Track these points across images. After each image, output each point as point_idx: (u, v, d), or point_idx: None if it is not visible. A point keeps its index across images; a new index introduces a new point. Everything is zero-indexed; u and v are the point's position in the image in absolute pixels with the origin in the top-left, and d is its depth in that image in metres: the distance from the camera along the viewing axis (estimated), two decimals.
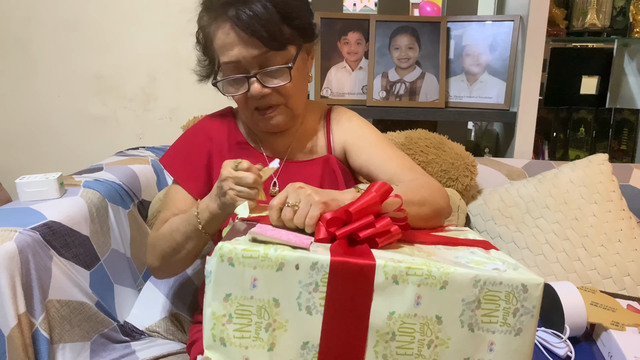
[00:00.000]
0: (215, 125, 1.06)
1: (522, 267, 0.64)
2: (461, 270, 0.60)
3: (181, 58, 1.81)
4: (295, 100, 0.95)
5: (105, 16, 1.80)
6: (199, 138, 1.05)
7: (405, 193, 0.80)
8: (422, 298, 0.60)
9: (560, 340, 0.97)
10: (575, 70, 1.97)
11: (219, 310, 0.59)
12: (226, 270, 0.58)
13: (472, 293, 0.60)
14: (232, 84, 0.93)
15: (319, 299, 0.59)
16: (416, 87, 1.71)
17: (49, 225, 0.97)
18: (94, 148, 1.90)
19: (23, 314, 0.86)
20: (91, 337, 1.00)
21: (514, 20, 1.65)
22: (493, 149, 2.02)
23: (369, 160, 0.99)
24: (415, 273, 0.59)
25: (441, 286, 0.60)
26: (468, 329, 0.61)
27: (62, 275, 0.96)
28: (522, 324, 0.62)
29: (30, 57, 1.84)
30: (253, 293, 0.59)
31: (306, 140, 1.05)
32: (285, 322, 0.59)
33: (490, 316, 0.61)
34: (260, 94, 0.91)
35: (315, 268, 0.59)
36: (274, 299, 0.59)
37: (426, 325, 0.60)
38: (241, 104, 0.96)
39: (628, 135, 1.89)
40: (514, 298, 0.61)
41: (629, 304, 1.06)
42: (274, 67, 0.90)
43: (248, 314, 0.59)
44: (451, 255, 0.68)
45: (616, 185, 1.33)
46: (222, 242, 0.59)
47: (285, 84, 0.91)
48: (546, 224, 1.30)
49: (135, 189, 1.32)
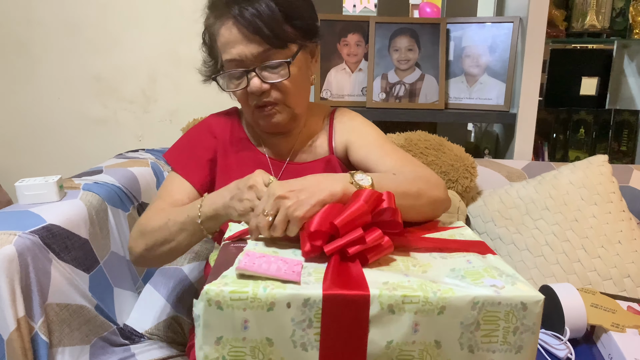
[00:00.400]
0: (220, 122, 1.07)
1: (520, 280, 0.62)
2: (458, 293, 0.58)
3: (181, 60, 1.81)
4: (295, 99, 0.95)
5: (105, 18, 1.80)
6: (202, 134, 1.05)
7: (402, 184, 0.81)
8: (419, 325, 0.58)
9: (560, 342, 0.96)
10: (575, 71, 1.96)
11: (211, 353, 0.58)
12: (215, 314, 0.57)
13: (471, 315, 0.59)
14: (233, 79, 0.93)
15: (313, 334, 0.58)
16: (416, 89, 1.71)
17: (49, 229, 0.97)
18: (94, 150, 1.90)
19: (22, 318, 0.86)
20: (90, 340, 1.00)
21: (514, 22, 1.65)
22: (493, 151, 2.01)
23: (367, 155, 0.99)
24: (411, 301, 0.58)
25: (439, 312, 0.58)
26: (468, 350, 0.60)
27: (61, 278, 0.96)
28: (522, 342, 0.61)
29: (31, 59, 1.84)
30: (245, 334, 0.57)
31: (309, 142, 1.05)
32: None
33: (490, 336, 0.60)
34: (259, 90, 0.91)
35: (308, 305, 0.57)
36: (267, 339, 0.58)
37: (425, 351, 0.59)
38: (242, 101, 0.96)
39: (628, 136, 1.89)
40: (514, 317, 0.59)
41: (629, 306, 1.06)
42: (273, 62, 0.90)
43: (242, 355, 0.58)
44: (447, 267, 0.66)
45: (616, 186, 1.33)
46: (207, 285, 0.57)
47: (283, 80, 0.91)
48: (546, 226, 1.30)
49: (135, 192, 1.32)
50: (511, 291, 0.59)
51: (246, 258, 0.62)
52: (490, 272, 0.64)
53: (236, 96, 0.97)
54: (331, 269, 0.62)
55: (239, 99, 0.97)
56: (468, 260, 0.69)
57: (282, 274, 0.60)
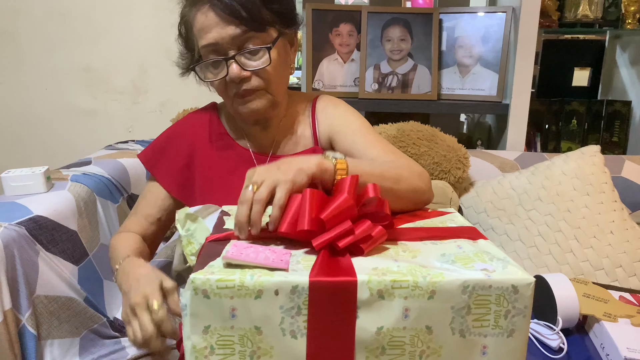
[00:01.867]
0: (197, 120, 1.04)
1: (511, 263, 0.62)
2: (448, 277, 0.58)
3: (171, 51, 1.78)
4: (275, 86, 0.93)
5: (94, 8, 1.78)
6: (178, 136, 1.02)
7: (380, 168, 0.80)
8: (410, 310, 0.58)
9: (552, 332, 0.96)
10: (567, 62, 1.96)
11: (199, 343, 0.57)
12: (202, 302, 0.56)
13: (462, 299, 0.58)
14: (211, 68, 0.91)
15: (302, 322, 0.57)
16: (408, 79, 1.70)
17: (35, 220, 0.96)
18: (83, 142, 1.88)
19: (9, 310, 0.85)
20: (80, 332, 0.99)
21: (507, 12, 1.64)
22: (485, 141, 2.01)
23: (352, 145, 0.97)
24: (401, 286, 0.57)
25: (429, 296, 0.57)
26: (459, 335, 0.59)
27: (49, 270, 0.94)
28: (514, 325, 0.60)
29: (18, 50, 1.81)
30: (233, 323, 0.56)
31: (291, 132, 1.03)
32: (270, 348, 0.57)
33: (482, 320, 0.59)
34: (239, 77, 0.88)
35: (296, 292, 0.56)
36: (256, 327, 0.57)
37: (416, 336, 0.58)
38: (221, 90, 0.93)
39: (620, 127, 1.89)
40: (505, 300, 0.59)
41: (621, 295, 1.07)
42: (252, 47, 0.87)
43: (230, 343, 0.57)
44: (437, 251, 0.66)
45: (608, 177, 1.33)
46: (194, 273, 0.56)
47: (265, 66, 0.88)
48: (539, 216, 1.30)
49: (125, 183, 1.31)
50: (502, 274, 0.59)
51: (233, 248, 0.61)
52: (481, 257, 0.64)
53: (214, 87, 0.94)
54: (320, 258, 0.61)
55: (217, 89, 0.94)
56: (459, 246, 0.68)
57: (270, 262, 0.59)
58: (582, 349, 0.97)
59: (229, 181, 0.97)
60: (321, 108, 1.04)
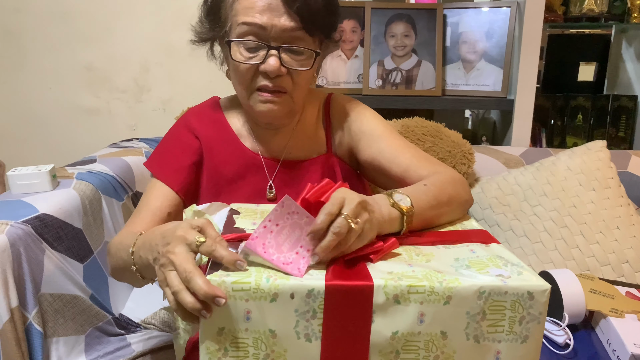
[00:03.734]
0: (201, 119, 0.97)
1: (526, 269, 0.62)
2: (465, 283, 0.58)
3: (174, 49, 1.79)
4: (300, 93, 0.89)
5: (96, 6, 1.78)
6: (182, 135, 0.96)
7: (435, 195, 0.76)
8: (425, 315, 0.58)
9: (559, 328, 0.96)
10: (572, 57, 1.95)
11: (212, 345, 0.57)
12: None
13: (477, 305, 0.58)
14: (244, 50, 0.83)
15: (317, 325, 0.57)
16: (412, 75, 1.70)
17: (41, 218, 0.96)
18: (86, 140, 1.88)
19: (16, 308, 0.85)
20: (85, 330, 0.99)
21: (511, 7, 1.63)
22: (490, 137, 2.00)
23: (379, 153, 0.92)
24: (417, 291, 0.57)
25: (445, 301, 0.57)
26: (474, 340, 0.59)
27: (54, 268, 0.95)
28: (528, 331, 0.60)
29: (21, 49, 1.82)
30: (247, 325, 0.56)
31: (304, 137, 0.97)
32: (284, 351, 0.57)
33: (496, 326, 0.59)
34: (276, 72, 0.81)
35: (312, 295, 0.56)
36: (270, 330, 0.57)
37: (431, 341, 0.58)
38: (244, 77, 0.85)
39: (626, 122, 1.88)
40: (520, 306, 0.59)
41: (628, 291, 1.06)
42: (302, 47, 0.82)
43: (244, 346, 0.57)
44: (451, 256, 0.66)
45: (614, 172, 1.33)
46: (209, 275, 0.56)
47: (305, 69, 0.84)
48: (544, 212, 1.29)
49: (129, 181, 1.31)
50: (517, 280, 0.59)
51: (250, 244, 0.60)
52: (495, 262, 0.64)
53: (236, 70, 0.85)
54: (334, 262, 0.61)
55: (238, 74, 0.85)
56: (472, 250, 0.68)
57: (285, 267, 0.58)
58: (589, 345, 0.97)
59: (236, 185, 0.94)
60: (336, 111, 0.99)
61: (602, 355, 0.94)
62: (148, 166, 0.95)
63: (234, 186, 0.93)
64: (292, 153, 0.96)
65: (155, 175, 0.93)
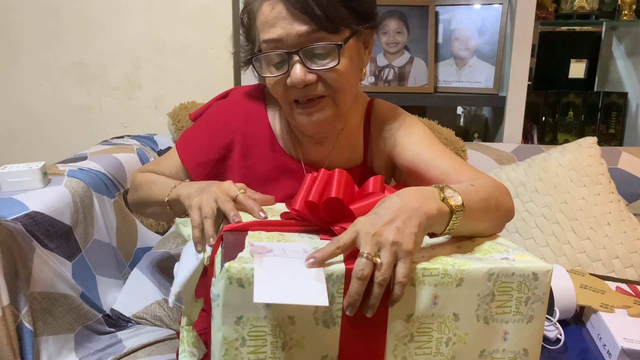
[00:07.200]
0: (242, 110, 0.92)
1: (526, 253, 0.64)
2: (475, 265, 0.59)
3: (165, 45, 1.78)
4: (343, 95, 0.81)
5: (87, 2, 1.76)
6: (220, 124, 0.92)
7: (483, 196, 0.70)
8: (438, 298, 0.59)
9: (550, 323, 0.97)
10: (563, 54, 1.96)
11: (230, 334, 0.55)
12: (236, 292, 0.54)
13: (487, 287, 0.60)
14: (271, 64, 0.80)
15: (336, 310, 0.56)
16: (405, 72, 1.70)
17: (31, 216, 0.95)
18: (78, 138, 1.86)
19: (7, 307, 0.84)
20: (75, 329, 0.99)
21: (503, 4, 1.64)
22: (482, 134, 2.01)
23: (416, 155, 0.86)
24: (431, 274, 0.58)
25: (457, 284, 0.59)
26: (484, 322, 0.61)
27: (44, 266, 0.94)
28: (533, 311, 0.62)
29: (10, 45, 1.80)
30: (266, 313, 0.55)
31: (347, 146, 0.93)
32: (302, 338, 0.57)
33: (504, 307, 0.61)
34: (302, 81, 0.77)
35: (331, 280, 0.56)
36: (289, 317, 0.56)
37: (443, 323, 0.59)
38: (279, 93, 0.82)
39: (616, 118, 1.90)
40: (526, 287, 0.61)
41: (618, 286, 1.07)
42: (321, 44, 0.76)
43: (262, 334, 0.55)
44: (453, 245, 0.67)
45: (605, 168, 1.34)
46: (228, 262, 0.54)
47: (333, 66, 0.77)
48: (536, 208, 1.30)
49: (121, 178, 1.30)
50: (522, 262, 0.61)
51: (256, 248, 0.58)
52: (496, 248, 0.66)
53: (270, 86, 0.83)
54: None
55: (274, 91, 0.83)
56: (472, 240, 0.69)
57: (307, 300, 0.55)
58: (580, 340, 0.97)
59: (268, 187, 0.90)
60: (378, 122, 0.93)
61: (592, 349, 0.94)
62: (178, 149, 0.93)
63: (267, 188, 0.90)
64: (333, 162, 0.92)
65: (182, 161, 0.92)
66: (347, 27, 0.78)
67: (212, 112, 0.95)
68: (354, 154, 0.93)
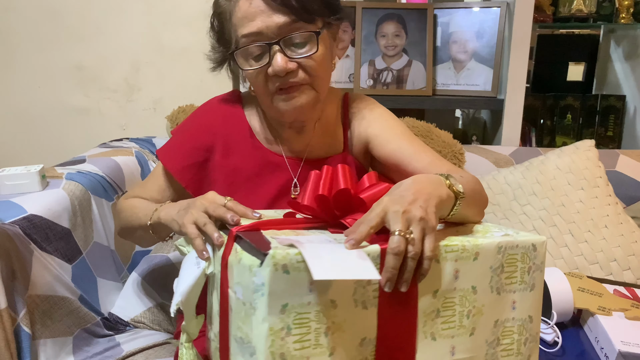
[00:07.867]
0: (220, 113, 0.96)
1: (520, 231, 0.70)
2: (486, 240, 0.64)
3: (164, 48, 1.78)
4: (321, 81, 0.86)
5: (86, 5, 1.76)
6: (200, 128, 0.95)
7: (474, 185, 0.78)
8: (459, 272, 0.62)
9: (547, 326, 0.97)
10: (561, 57, 1.97)
11: (276, 324, 0.54)
12: (281, 279, 0.54)
13: (497, 259, 0.65)
14: (251, 58, 0.84)
15: (372, 291, 0.58)
16: (403, 75, 1.70)
17: (29, 219, 0.95)
18: (76, 140, 1.86)
19: (4, 310, 0.84)
20: (73, 332, 0.99)
21: (501, 7, 1.64)
22: (480, 137, 2.01)
23: (398, 149, 0.91)
24: (452, 250, 0.62)
25: (474, 258, 0.63)
26: (496, 293, 0.65)
27: (43, 269, 0.94)
28: (534, 280, 0.68)
29: (9, 48, 1.80)
30: (310, 298, 0.55)
31: (325, 135, 0.97)
32: (343, 322, 0.57)
33: (511, 277, 0.67)
34: (284, 70, 0.81)
35: None
36: (331, 300, 0.56)
37: (464, 297, 0.63)
38: (260, 84, 0.86)
39: (614, 121, 1.90)
40: (527, 257, 0.67)
41: (616, 289, 1.07)
42: (299, 32, 0.81)
43: (307, 321, 0.55)
44: (452, 231, 0.70)
45: (603, 171, 1.34)
46: (272, 249, 0.53)
47: (312, 54, 0.82)
48: (533, 211, 1.30)
49: (119, 181, 1.30)
50: (521, 236, 0.68)
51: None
52: (490, 229, 0.71)
53: (251, 80, 0.87)
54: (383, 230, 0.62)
55: (254, 83, 0.87)
56: (464, 225, 0.73)
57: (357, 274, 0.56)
58: (577, 343, 0.97)
59: (255, 184, 0.93)
60: (355, 111, 0.98)
61: (590, 352, 0.94)
62: (161, 157, 0.95)
63: (252, 184, 0.93)
64: (313, 152, 0.96)
65: (167, 168, 0.94)
66: (320, 18, 0.85)
67: (191, 117, 0.99)
68: (335, 143, 0.98)
